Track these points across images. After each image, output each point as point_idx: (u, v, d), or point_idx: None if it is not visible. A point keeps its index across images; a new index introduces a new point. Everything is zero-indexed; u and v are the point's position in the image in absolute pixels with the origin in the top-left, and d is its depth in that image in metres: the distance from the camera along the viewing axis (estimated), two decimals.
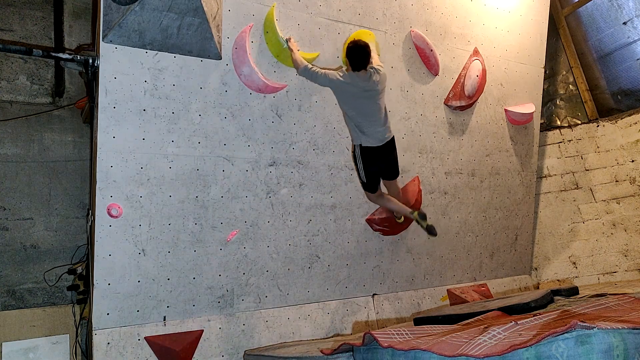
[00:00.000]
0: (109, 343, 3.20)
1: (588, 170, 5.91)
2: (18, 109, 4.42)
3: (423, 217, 3.81)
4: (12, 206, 4.27)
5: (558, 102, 6.35)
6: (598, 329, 1.63)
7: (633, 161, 5.63)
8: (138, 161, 3.29)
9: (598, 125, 5.95)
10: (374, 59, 3.90)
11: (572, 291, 3.14)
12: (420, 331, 2.24)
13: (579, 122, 6.14)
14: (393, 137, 3.79)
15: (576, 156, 5.99)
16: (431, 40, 4.51)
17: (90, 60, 3.25)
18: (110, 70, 3.17)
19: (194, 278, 3.53)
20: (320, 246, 4.07)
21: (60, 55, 3.43)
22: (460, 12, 4.77)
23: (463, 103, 4.75)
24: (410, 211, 3.89)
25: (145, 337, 3.31)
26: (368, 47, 3.54)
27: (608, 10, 5.90)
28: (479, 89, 4.84)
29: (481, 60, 4.86)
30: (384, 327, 3.83)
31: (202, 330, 3.52)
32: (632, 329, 1.67)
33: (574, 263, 5.82)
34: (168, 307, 3.44)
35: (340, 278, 4.19)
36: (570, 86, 6.29)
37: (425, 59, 4.52)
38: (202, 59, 3.44)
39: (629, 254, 5.58)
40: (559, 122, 6.28)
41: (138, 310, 3.33)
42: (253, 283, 3.77)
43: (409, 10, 4.41)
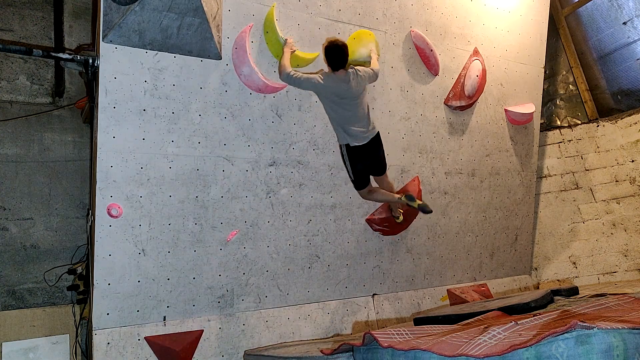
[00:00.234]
0: (109, 343, 3.20)
1: (588, 170, 5.91)
2: (18, 109, 4.42)
3: (411, 198, 3.82)
4: (12, 206, 4.27)
5: (558, 102, 6.35)
6: (598, 329, 1.63)
7: (633, 161, 5.63)
8: (138, 161, 3.29)
9: (598, 125, 5.95)
10: (373, 60, 3.92)
11: (572, 291, 3.14)
12: (420, 331, 2.24)
13: (579, 122, 6.14)
14: (378, 133, 3.81)
15: (576, 156, 5.98)
16: (431, 40, 4.51)
17: (90, 60, 3.25)
18: (110, 70, 3.17)
19: (194, 278, 3.53)
20: (320, 246, 4.07)
21: (60, 55, 3.43)
22: (460, 12, 4.77)
23: (463, 103, 4.75)
24: (398, 197, 3.90)
25: (145, 337, 3.31)
26: (346, 48, 3.56)
27: (608, 10, 5.90)
28: (479, 89, 4.84)
29: (481, 60, 4.87)
30: (384, 327, 3.83)
31: (202, 330, 3.52)
32: (632, 329, 1.67)
33: (574, 263, 5.82)
34: (168, 307, 3.44)
35: (340, 278, 4.19)
36: (570, 86, 6.29)
37: (425, 59, 4.52)
38: (202, 59, 3.44)
39: (629, 254, 5.58)
40: (559, 122, 6.28)
41: (138, 310, 3.33)
42: (253, 283, 3.77)
43: (409, 10, 4.41)
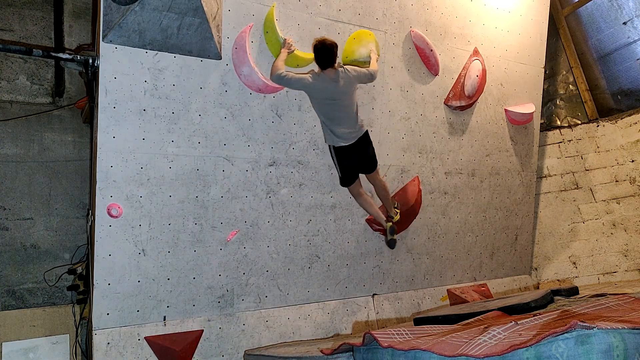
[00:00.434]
0: (109, 343, 3.20)
1: (588, 170, 5.91)
2: (18, 109, 4.42)
3: (392, 231, 3.99)
4: (12, 206, 4.27)
5: (558, 102, 6.35)
6: (598, 329, 1.63)
7: (633, 161, 5.63)
8: (138, 161, 3.29)
9: (598, 125, 5.95)
10: (372, 61, 3.92)
11: (572, 291, 3.14)
12: (420, 331, 2.24)
13: (579, 122, 6.14)
14: (366, 132, 3.81)
15: (576, 156, 5.98)
16: (431, 40, 4.51)
17: (90, 60, 3.26)
18: (110, 70, 3.17)
19: (194, 278, 3.53)
20: (320, 246, 4.07)
21: (60, 55, 3.43)
22: (460, 12, 4.77)
23: (463, 103, 4.75)
24: (384, 219, 4.04)
25: (145, 337, 3.31)
26: (333, 46, 3.56)
27: (608, 10, 5.90)
28: (479, 89, 4.84)
29: (481, 60, 4.86)
30: (384, 327, 3.83)
31: (202, 330, 3.52)
32: (632, 329, 1.67)
33: (574, 263, 5.82)
34: (168, 307, 3.44)
35: (340, 278, 4.19)
36: (570, 86, 6.29)
37: (425, 59, 4.52)
38: (202, 59, 3.44)
39: (629, 254, 5.58)
40: (559, 122, 6.28)
41: (138, 310, 3.33)
42: (253, 283, 3.77)
43: (409, 10, 4.41)
